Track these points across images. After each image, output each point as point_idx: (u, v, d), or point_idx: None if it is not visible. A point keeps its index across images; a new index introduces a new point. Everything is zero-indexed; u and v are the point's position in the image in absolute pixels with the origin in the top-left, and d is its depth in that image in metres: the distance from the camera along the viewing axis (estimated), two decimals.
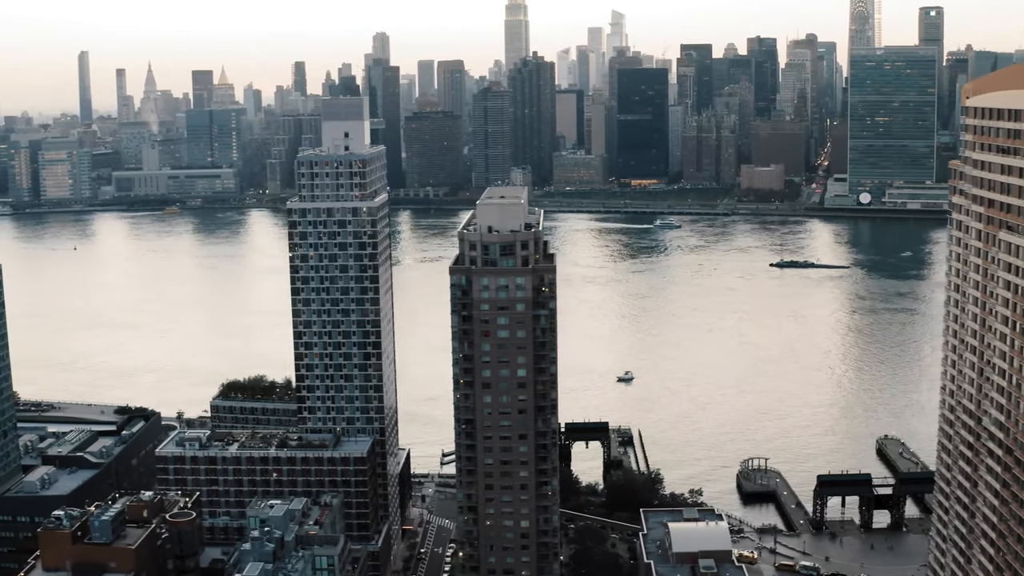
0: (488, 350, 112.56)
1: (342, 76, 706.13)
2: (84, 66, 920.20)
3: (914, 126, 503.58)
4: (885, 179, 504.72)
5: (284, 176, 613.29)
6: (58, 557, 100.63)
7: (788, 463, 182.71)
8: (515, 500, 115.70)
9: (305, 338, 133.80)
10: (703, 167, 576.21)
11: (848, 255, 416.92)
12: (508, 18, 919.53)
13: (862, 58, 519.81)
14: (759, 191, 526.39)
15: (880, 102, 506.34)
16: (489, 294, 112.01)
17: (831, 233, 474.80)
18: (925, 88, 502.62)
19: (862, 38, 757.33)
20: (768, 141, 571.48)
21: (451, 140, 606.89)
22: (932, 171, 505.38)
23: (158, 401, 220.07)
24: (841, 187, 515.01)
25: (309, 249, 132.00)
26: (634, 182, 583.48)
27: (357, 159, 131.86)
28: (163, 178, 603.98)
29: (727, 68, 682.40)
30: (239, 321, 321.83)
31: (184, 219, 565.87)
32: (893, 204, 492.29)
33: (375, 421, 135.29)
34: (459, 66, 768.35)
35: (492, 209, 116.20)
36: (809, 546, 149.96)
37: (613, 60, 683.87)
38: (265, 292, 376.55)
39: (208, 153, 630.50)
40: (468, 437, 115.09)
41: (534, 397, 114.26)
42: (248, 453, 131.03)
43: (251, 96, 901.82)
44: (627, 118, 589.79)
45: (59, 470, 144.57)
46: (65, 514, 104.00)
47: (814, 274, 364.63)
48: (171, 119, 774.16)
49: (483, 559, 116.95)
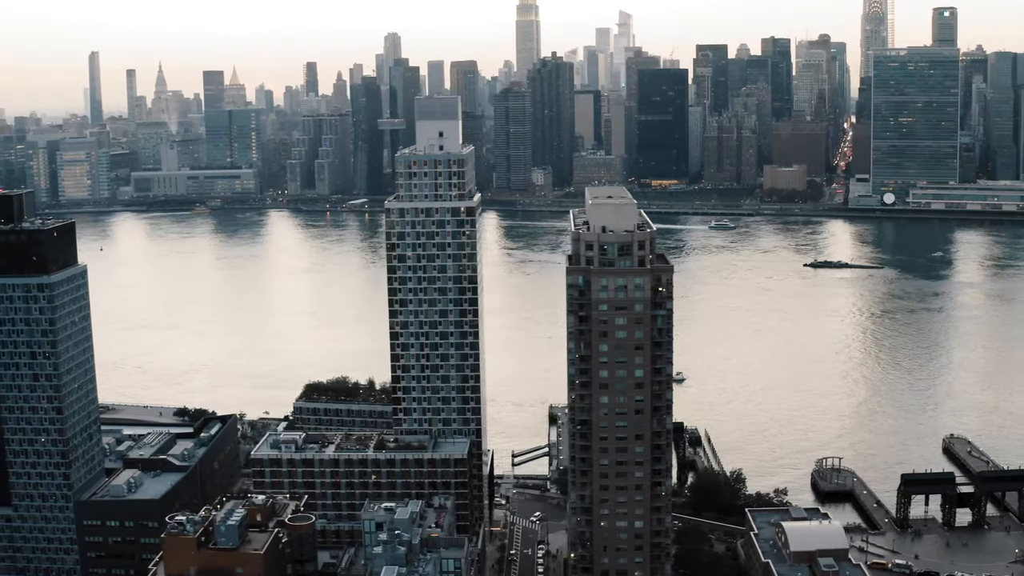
0: (606, 350, 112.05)
1: (364, 76, 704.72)
2: (95, 66, 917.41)
3: (937, 127, 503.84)
4: (908, 180, 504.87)
5: (304, 176, 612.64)
6: (182, 563, 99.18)
7: (859, 462, 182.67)
8: (630, 501, 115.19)
9: (402, 339, 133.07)
10: (724, 167, 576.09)
11: (877, 255, 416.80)
12: (519, 18, 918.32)
13: (885, 59, 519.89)
14: (782, 191, 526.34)
15: (903, 103, 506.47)
16: (608, 294, 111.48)
17: (856, 233, 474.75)
18: (948, 88, 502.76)
19: (877, 38, 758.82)
20: (789, 141, 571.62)
21: (472, 141, 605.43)
22: (955, 171, 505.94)
23: (210, 402, 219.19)
24: (864, 187, 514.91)
25: (407, 249, 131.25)
26: (654, 182, 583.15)
27: (455, 158, 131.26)
28: (182, 178, 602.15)
29: (743, 68, 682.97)
30: (277, 322, 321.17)
31: (203, 220, 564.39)
32: (917, 204, 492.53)
33: (471, 423, 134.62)
34: (472, 66, 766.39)
35: (606, 209, 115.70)
36: (895, 544, 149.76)
37: (630, 60, 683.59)
38: (296, 293, 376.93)
39: (227, 153, 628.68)
40: (583, 438, 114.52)
41: (650, 397, 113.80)
42: (346, 455, 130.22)
43: (263, 96, 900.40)
44: (647, 118, 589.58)
45: (143, 473, 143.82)
46: (188, 519, 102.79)
47: (848, 274, 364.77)
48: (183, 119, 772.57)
49: (596, 560, 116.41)
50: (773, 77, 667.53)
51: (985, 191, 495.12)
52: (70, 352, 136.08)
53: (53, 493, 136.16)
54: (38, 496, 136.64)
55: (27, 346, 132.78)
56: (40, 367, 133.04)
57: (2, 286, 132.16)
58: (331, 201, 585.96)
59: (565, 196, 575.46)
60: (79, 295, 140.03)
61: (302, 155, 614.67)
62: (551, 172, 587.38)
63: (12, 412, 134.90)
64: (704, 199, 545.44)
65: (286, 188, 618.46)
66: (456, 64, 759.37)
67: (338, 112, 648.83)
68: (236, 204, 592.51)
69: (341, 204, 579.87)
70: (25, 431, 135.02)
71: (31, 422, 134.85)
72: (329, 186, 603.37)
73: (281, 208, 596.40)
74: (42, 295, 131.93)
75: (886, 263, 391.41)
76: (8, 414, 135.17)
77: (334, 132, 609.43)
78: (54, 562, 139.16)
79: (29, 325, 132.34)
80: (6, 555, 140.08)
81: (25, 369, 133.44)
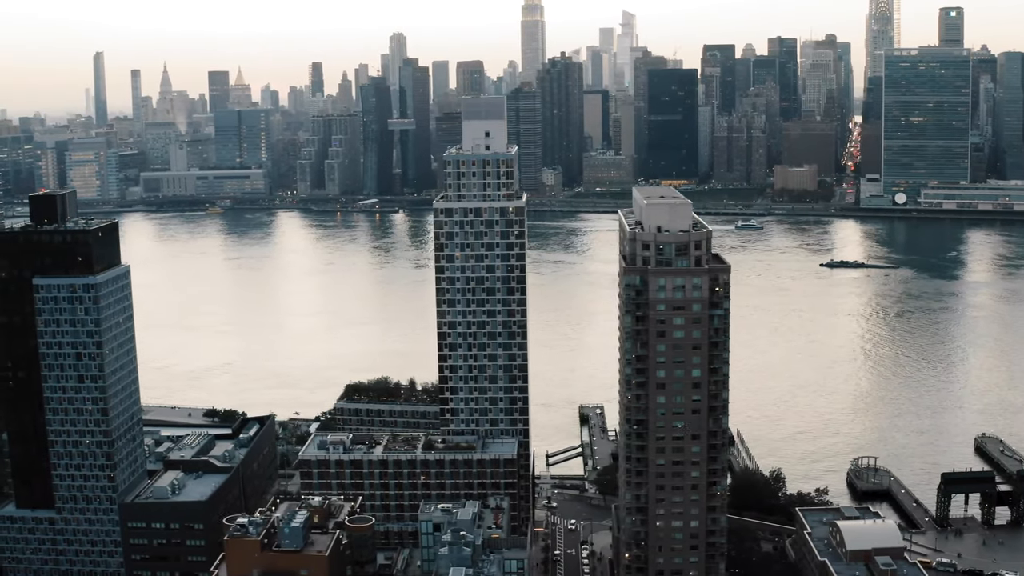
0: (663, 350, 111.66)
1: (373, 76, 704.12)
2: (99, 67, 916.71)
3: (948, 127, 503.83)
4: (919, 180, 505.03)
5: (314, 177, 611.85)
6: (245, 565, 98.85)
7: (893, 462, 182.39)
8: (685, 501, 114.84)
9: (449, 339, 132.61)
10: (734, 167, 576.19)
11: (891, 255, 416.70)
12: (525, 19, 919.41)
13: (896, 59, 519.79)
14: (793, 191, 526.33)
15: (914, 103, 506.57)
16: (665, 294, 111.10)
17: (868, 233, 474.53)
18: (959, 89, 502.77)
19: (884, 38, 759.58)
20: (799, 141, 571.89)
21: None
22: (966, 172, 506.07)
23: (236, 403, 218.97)
24: (875, 187, 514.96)
25: (455, 249, 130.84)
26: (664, 182, 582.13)
27: (504, 158, 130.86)
28: (191, 178, 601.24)
29: (750, 68, 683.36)
30: (295, 323, 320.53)
31: (213, 220, 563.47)
32: (929, 204, 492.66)
33: (518, 423, 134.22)
34: (478, 67, 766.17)
35: (662, 209, 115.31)
36: (936, 543, 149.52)
37: (638, 60, 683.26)
38: (311, 294, 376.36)
39: (236, 154, 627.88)
40: (639, 438, 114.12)
41: (707, 397, 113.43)
42: (395, 456, 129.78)
43: (268, 97, 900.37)
44: (657, 119, 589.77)
45: (185, 475, 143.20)
46: (250, 521, 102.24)
47: (865, 274, 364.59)
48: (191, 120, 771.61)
49: (651, 560, 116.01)
50: (780, 77, 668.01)
51: (996, 191, 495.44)
52: (115, 353, 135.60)
53: (97, 495, 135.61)
54: (82, 498, 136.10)
55: (72, 347, 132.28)
56: (86, 368, 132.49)
57: (47, 286, 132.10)
58: (341, 201, 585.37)
59: (575, 196, 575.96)
60: (123, 295, 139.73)
61: (312, 155, 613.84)
62: (561, 172, 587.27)
63: (56, 414, 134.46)
64: (715, 199, 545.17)
65: (295, 188, 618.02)
66: (462, 64, 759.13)
67: (347, 112, 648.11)
68: (246, 204, 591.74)
69: (351, 204, 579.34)
70: (69, 433, 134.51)
71: (75, 424, 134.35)
72: (339, 186, 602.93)
73: (290, 208, 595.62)
74: (88, 296, 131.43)
75: (901, 263, 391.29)
76: (52, 415, 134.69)
77: (344, 132, 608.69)
78: (97, 565, 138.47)
79: (75, 326, 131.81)
80: (49, 558, 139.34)
81: (70, 370, 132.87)
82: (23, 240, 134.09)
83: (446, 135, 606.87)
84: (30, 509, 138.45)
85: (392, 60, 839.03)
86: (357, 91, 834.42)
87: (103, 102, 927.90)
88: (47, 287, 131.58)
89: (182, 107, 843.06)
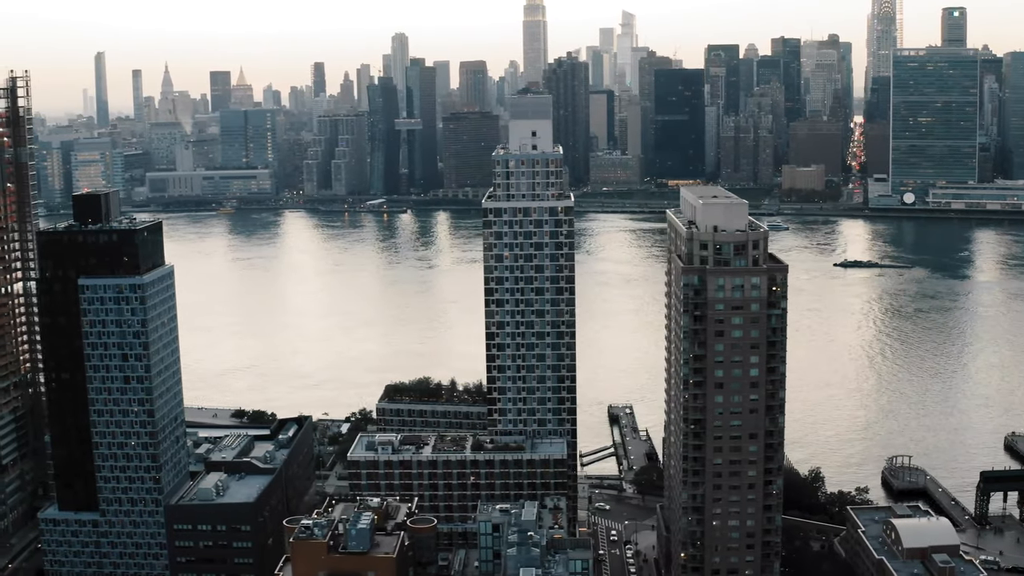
0: (721, 350, 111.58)
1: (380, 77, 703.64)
2: (100, 67, 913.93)
3: (955, 127, 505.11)
4: (926, 180, 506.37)
5: (320, 177, 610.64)
6: (311, 567, 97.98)
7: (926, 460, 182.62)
8: (742, 500, 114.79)
9: (498, 339, 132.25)
10: (740, 167, 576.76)
11: (903, 255, 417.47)
12: (527, 19, 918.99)
13: (904, 59, 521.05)
14: (801, 191, 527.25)
15: (921, 103, 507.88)
16: (724, 294, 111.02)
17: (876, 233, 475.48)
18: (967, 89, 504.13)
19: (887, 38, 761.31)
20: (805, 141, 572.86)
21: (488, 140, 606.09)
22: (974, 171, 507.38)
23: (260, 403, 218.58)
24: (883, 187, 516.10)
25: (504, 249, 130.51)
26: (671, 182, 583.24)
27: (553, 158, 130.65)
28: (197, 179, 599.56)
29: (753, 68, 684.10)
30: (312, 323, 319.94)
31: (219, 220, 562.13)
32: (937, 204, 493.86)
33: (566, 423, 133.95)
34: (481, 66, 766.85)
35: (718, 209, 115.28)
36: (977, 541, 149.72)
37: (643, 61, 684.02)
38: (324, 294, 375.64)
39: (243, 154, 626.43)
40: (696, 437, 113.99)
41: (764, 396, 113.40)
42: (445, 457, 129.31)
43: (270, 97, 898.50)
44: (664, 118, 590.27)
45: (229, 476, 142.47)
46: (314, 523, 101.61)
47: (878, 273, 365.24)
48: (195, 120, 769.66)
49: (707, 560, 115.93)
50: (784, 77, 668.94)
51: (1004, 191, 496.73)
52: (160, 354, 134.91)
53: (143, 497, 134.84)
54: (127, 501, 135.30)
55: (118, 348, 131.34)
56: (132, 369, 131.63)
57: (93, 287, 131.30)
58: (348, 202, 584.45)
59: (582, 196, 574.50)
60: (168, 295, 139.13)
61: (318, 155, 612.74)
62: (568, 172, 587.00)
63: (101, 415, 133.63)
64: None
65: (302, 188, 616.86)
66: (465, 64, 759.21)
67: (354, 112, 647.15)
68: (252, 204, 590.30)
69: (359, 204, 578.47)
70: (115, 435, 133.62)
71: (121, 425, 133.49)
72: (346, 186, 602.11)
73: (297, 208, 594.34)
74: (135, 296, 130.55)
75: (913, 263, 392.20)
76: (97, 417, 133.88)
77: (350, 132, 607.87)
78: (142, 568, 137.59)
79: (121, 327, 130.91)
80: (92, 560, 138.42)
81: (116, 372, 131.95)
82: (68, 240, 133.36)
83: (452, 135, 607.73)
84: (73, 511, 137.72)
85: (394, 60, 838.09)
86: (359, 91, 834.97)
87: (104, 102, 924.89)
88: (93, 287, 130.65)
89: (186, 107, 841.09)
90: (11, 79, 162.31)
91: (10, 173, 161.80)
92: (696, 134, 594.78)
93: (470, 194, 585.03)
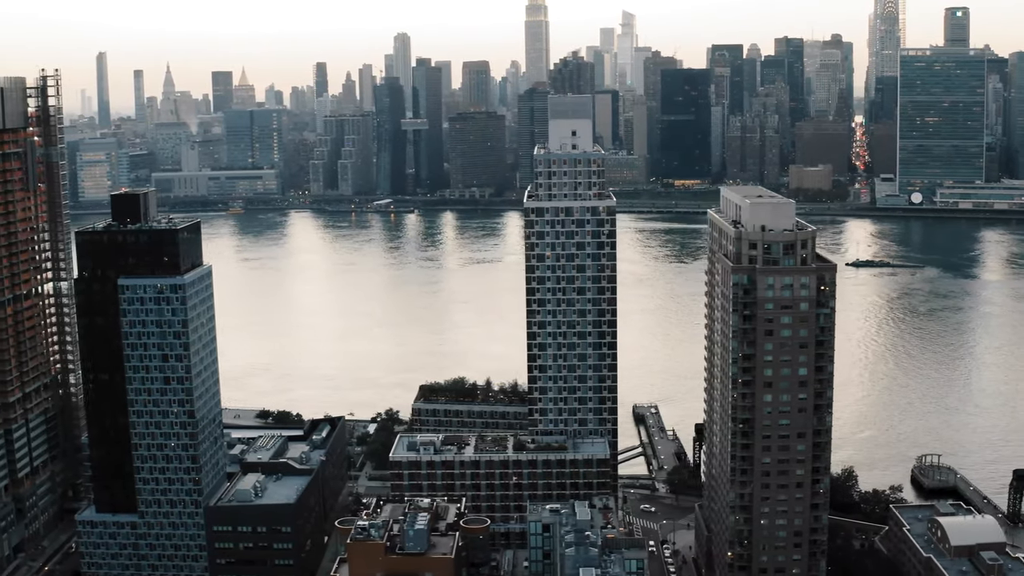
0: (771, 349, 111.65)
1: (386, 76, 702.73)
2: (103, 67, 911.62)
3: (962, 126, 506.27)
4: (933, 179, 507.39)
5: (327, 177, 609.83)
6: (370, 568, 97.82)
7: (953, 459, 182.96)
8: (790, 499, 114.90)
9: (539, 339, 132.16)
10: (747, 167, 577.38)
11: (912, 255, 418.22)
12: (529, 19, 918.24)
13: (911, 59, 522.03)
14: (808, 191, 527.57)
15: (928, 102, 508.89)
16: (774, 293, 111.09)
17: (884, 233, 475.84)
18: (974, 89, 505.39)
19: (891, 38, 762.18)
20: (811, 141, 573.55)
21: (495, 141, 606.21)
22: (980, 171, 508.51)
23: (283, 404, 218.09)
24: (890, 187, 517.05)
25: (546, 249, 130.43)
26: (677, 182, 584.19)
27: (594, 157, 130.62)
28: (203, 179, 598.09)
29: (756, 68, 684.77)
30: (323, 323, 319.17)
31: (226, 221, 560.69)
32: (945, 204, 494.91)
33: (607, 423, 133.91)
34: (484, 66, 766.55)
35: (765, 208, 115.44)
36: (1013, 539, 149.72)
37: (648, 61, 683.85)
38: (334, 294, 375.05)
39: (248, 154, 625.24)
40: (744, 436, 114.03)
41: (813, 395, 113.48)
42: (487, 457, 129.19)
43: (272, 97, 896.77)
44: (669, 118, 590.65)
45: (266, 477, 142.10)
46: (370, 524, 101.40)
47: (890, 273, 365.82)
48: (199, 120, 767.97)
49: (755, 558, 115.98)
50: (788, 77, 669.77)
51: (1012, 190, 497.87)
52: (200, 354, 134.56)
53: (182, 499, 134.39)
54: (166, 502, 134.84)
55: (158, 348, 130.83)
56: (172, 370, 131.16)
57: (133, 287, 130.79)
58: (355, 202, 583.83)
59: None
60: (207, 295, 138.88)
61: (324, 155, 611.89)
62: None
63: (140, 416, 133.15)
64: None
65: (308, 188, 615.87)
66: (468, 64, 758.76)
67: (360, 112, 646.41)
68: (258, 205, 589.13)
69: (365, 204, 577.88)
70: (154, 436, 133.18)
71: (160, 426, 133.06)
72: (352, 186, 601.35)
73: (303, 208, 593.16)
74: (176, 296, 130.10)
75: (924, 262, 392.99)
76: (136, 418, 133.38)
77: (356, 132, 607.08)
78: (181, 570, 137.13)
79: (161, 327, 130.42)
80: (130, 563, 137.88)
81: (156, 372, 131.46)
82: (108, 240, 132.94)
83: (459, 135, 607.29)
84: (111, 513, 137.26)
85: (396, 60, 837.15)
86: (361, 91, 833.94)
87: (106, 103, 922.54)
88: (133, 287, 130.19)
89: (188, 108, 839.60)
90: (42, 78, 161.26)
91: (41, 172, 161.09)
92: (702, 134, 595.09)
93: (476, 194, 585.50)
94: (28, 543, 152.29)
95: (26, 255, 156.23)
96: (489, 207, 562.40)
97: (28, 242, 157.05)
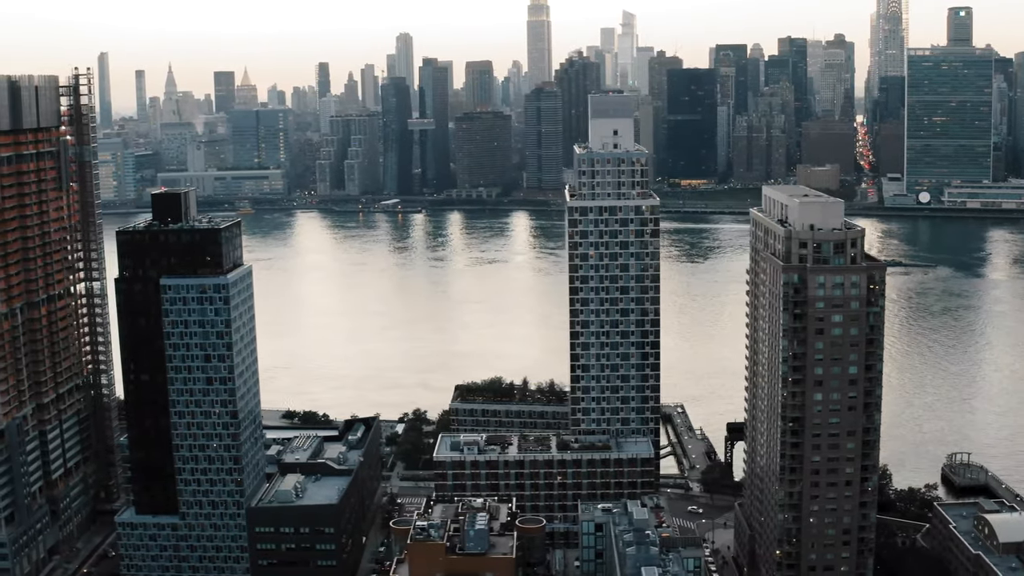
0: (821, 348, 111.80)
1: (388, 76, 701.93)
2: (104, 68, 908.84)
3: (970, 126, 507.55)
4: (940, 179, 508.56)
5: (333, 177, 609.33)
6: (430, 568, 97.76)
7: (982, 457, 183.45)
8: (839, 497, 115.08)
9: (582, 338, 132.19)
10: (753, 167, 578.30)
11: (919, 254, 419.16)
12: (531, 18, 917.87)
13: (918, 58, 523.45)
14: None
15: (936, 102, 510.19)
16: (825, 292, 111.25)
17: (891, 232, 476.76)
18: (981, 88, 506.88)
19: (895, 38, 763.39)
20: (817, 141, 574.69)
21: (501, 141, 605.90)
22: (988, 171, 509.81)
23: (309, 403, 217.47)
24: (897, 187, 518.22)
25: (590, 248, 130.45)
26: (683, 182, 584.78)
27: (638, 156, 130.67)
28: (209, 179, 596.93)
29: (759, 68, 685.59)
30: (338, 323, 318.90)
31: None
32: (953, 203, 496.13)
33: (650, 422, 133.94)
34: (487, 66, 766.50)
35: (815, 207, 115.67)
36: None
37: (653, 61, 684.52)
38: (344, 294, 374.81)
39: (254, 154, 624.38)
40: (794, 435, 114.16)
41: (863, 394, 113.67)
42: (532, 456, 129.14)
43: (274, 97, 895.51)
44: (676, 118, 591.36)
45: (306, 478, 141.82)
46: (430, 524, 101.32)
47: (903, 272, 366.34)
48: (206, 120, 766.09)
49: (804, 556, 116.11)
50: (793, 77, 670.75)
51: (1020, 190, 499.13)
52: (241, 355, 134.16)
53: (224, 500, 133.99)
54: (208, 504, 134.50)
55: (201, 349, 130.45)
56: (215, 370, 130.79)
57: (175, 287, 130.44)
58: (362, 202, 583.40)
59: None
60: (248, 295, 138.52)
61: (331, 156, 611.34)
62: None
63: (182, 417, 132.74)
64: (737, 199, 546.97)
65: (314, 189, 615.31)
66: (471, 64, 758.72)
67: (366, 112, 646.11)
68: (265, 205, 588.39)
69: (372, 205, 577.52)
70: (196, 436, 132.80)
71: (203, 427, 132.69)
72: (359, 186, 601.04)
73: (310, 209, 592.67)
74: (218, 296, 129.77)
75: (934, 262, 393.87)
76: (178, 419, 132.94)
77: (363, 132, 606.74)
78: (222, 571, 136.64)
79: (204, 327, 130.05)
80: (171, 564, 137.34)
81: (198, 372, 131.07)
82: (149, 239, 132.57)
83: (465, 135, 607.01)
84: (151, 515, 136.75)
85: (398, 60, 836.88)
86: (364, 91, 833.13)
87: (108, 103, 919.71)
88: (175, 287, 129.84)
89: (190, 108, 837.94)
90: (74, 76, 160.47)
91: (73, 171, 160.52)
92: (708, 134, 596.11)
93: (483, 194, 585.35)
94: (62, 545, 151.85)
95: (59, 255, 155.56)
96: (496, 207, 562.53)
97: (61, 242, 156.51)
